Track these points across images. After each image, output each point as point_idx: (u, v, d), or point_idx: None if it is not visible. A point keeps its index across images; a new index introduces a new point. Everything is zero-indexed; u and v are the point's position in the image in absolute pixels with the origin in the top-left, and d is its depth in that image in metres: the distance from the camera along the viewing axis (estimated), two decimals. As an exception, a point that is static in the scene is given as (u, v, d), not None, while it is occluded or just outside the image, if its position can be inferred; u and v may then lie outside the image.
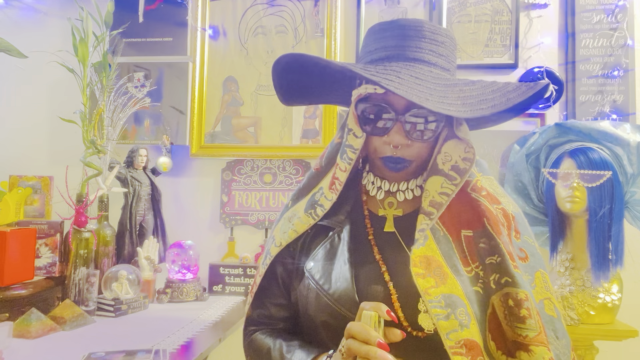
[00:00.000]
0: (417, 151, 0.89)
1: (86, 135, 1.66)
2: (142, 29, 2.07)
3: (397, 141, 0.87)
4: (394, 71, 0.83)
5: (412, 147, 0.88)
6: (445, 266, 0.83)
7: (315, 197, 0.97)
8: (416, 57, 0.86)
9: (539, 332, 0.79)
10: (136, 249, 1.77)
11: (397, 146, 0.87)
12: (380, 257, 0.89)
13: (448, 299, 0.79)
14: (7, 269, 1.43)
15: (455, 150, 0.87)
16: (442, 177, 0.87)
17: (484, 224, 0.86)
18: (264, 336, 0.98)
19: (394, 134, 0.87)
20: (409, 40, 0.86)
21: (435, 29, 0.88)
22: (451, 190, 0.85)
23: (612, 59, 1.87)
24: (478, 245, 0.86)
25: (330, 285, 0.87)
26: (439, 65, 0.88)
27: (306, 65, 0.93)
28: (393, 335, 0.76)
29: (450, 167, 0.86)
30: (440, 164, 0.88)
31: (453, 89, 0.83)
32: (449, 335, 0.76)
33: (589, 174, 1.44)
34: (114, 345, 1.21)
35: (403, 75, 0.82)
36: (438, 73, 0.86)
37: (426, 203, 0.87)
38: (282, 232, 0.98)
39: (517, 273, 0.82)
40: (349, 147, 0.91)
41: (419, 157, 0.90)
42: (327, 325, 0.88)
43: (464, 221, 0.88)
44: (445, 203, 0.85)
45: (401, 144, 0.87)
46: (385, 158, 0.89)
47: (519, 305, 0.79)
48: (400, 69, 0.84)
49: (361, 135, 0.90)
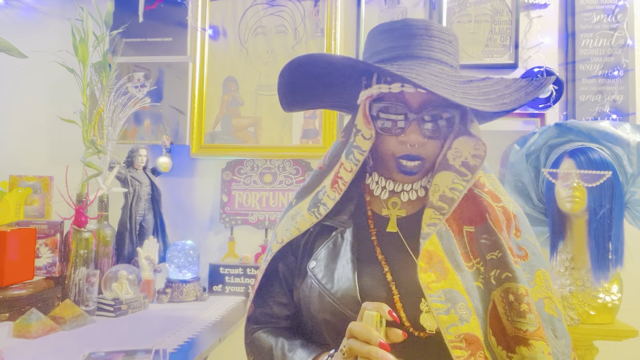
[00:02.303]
0: (432, 149, 0.89)
1: (86, 135, 1.66)
2: (142, 29, 2.07)
3: (414, 140, 0.87)
4: (411, 69, 0.83)
5: (427, 145, 0.89)
6: (446, 261, 0.83)
7: (318, 196, 0.97)
8: (428, 55, 0.86)
9: (538, 327, 0.79)
10: (136, 249, 1.77)
11: (414, 145, 0.87)
12: (383, 257, 0.90)
13: (448, 294, 0.79)
14: (7, 269, 1.43)
15: (466, 146, 0.87)
16: (453, 172, 0.87)
17: (485, 220, 0.86)
18: (266, 335, 0.98)
19: (410, 132, 0.87)
20: (418, 39, 0.87)
21: (442, 28, 0.89)
22: (462, 186, 0.86)
23: (612, 59, 1.87)
24: (479, 241, 0.86)
25: (332, 285, 0.88)
26: (449, 63, 0.88)
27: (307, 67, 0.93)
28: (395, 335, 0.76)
29: (461, 163, 0.87)
30: (450, 159, 0.88)
31: (470, 85, 0.84)
32: (448, 330, 0.76)
33: (589, 174, 1.44)
34: (114, 345, 1.21)
35: (420, 72, 0.82)
36: (449, 71, 0.87)
37: (435, 198, 0.87)
38: (285, 230, 0.98)
39: (518, 269, 0.83)
40: (356, 149, 0.91)
41: (433, 155, 0.90)
42: (329, 325, 0.88)
43: (466, 217, 0.88)
44: (457, 199, 0.85)
45: (418, 142, 0.87)
46: (401, 157, 0.89)
47: (520, 300, 0.80)
48: (414, 67, 0.84)
49: (370, 137, 0.89)
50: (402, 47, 0.87)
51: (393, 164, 0.91)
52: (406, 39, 0.87)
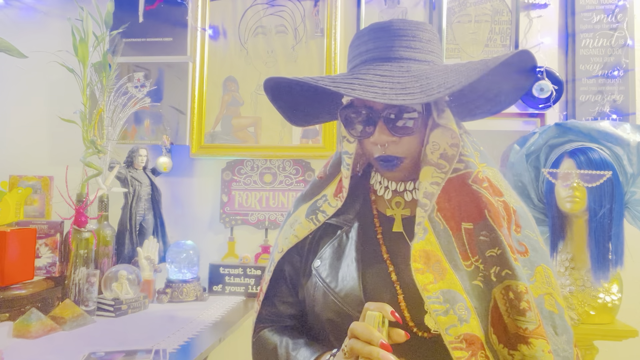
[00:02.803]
0: (406, 146, 0.89)
1: (86, 135, 1.66)
2: (142, 29, 2.07)
3: (383, 140, 0.88)
4: (362, 74, 0.85)
5: (401, 143, 0.89)
6: (444, 260, 0.83)
7: (317, 204, 0.98)
8: (388, 55, 0.88)
9: (538, 325, 0.79)
10: (136, 249, 1.77)
11: (384, 144, 0.88)
12: (387, 257, 0.90)
13: (447, 295, 0.79)
14: (7, 269, 1.43)
15: (443, 138, 0.87)
16: (433, 166, 0.88)
17: (484, 216, 0.86)
18: (271, 334, 0.98)
19: (378, 134, 0.88)
20: (379, 41, 0.89)
21: (405, 25, 0.89)
22: (441, 178, 0.86)
23: (612, 59, 1.87)
24: (478, 238, 0.85)
25: (337, 284, 0.88)
26: (413, 58, 0.88)
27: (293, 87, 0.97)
28: (397, 336, 0.76)
29: (439, 155, 0.87)
30: (429, 153, 0.88)
31: (420, 77, 0.83)
32: (448, 331, 0.76)
33: (589, 174, 1.44)
34: (114, 345, 1.21)
35: (368, 76, 0.84)
36: (409, 66, 0.87)
37: (420, 195, 0.87)
38: (284, 238, 0.99)
39: (517, 266, 0.82)
40: (345, 153, 0.94)
41: (410, 152, 0.90)
42: (333, 324, 0.88)
43: (464, 214, 0.88)
44: (436, 192, 0.86)
45: (387, 141, 0.88)
46: (377, 158, 0.90)
47: (519, 298, 0.79)
48: (367, 71, 0.86)
49: (353, 140, 0.93)
50: (365, 52, 0.90)
51: (377, 165, 0.93)
52: (369, 44, 0.90)
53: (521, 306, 0.79)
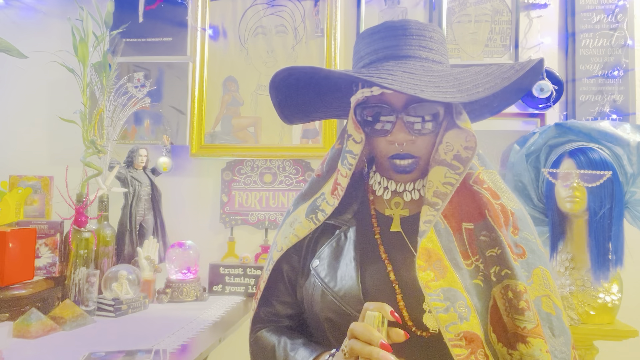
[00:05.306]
0: (423, 146, 0.90)
1: (86, 135, 1.66)
2: (142, 29, 2.07)
3: (401, 139, 0.87)
4: (387, 70, 0.84)
5: (417, 143, 0.89)
6: (445, 259, 0.83)
7: (316, 203, 0.98)
8: (407, 54, 0.88)
9: (536, 325, 0.79)
10: (136, 249, 1.77)
11: (402, 143, 0.88)
12: (386, 257, 0.90)
13: (447, 292, 0.79)
14: (7, 269, 1.43)
15: (457, 139, 0.87)
16: (445, 167, 0.87)
17: (485, 216, 0.86)
18: (269, 334, 0.98)
19: (396, 132, 0.87)
20: (397, 39, 0.88)
21: (421, 25, 0.90)
22: (455, 179, 0.86)
23: (612, 59, 1.87)
24: (479, 238, 0.86)
25: (335, 283, 0.88)
26: (430, 59, 0.89)
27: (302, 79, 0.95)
28: (397, 335, 0.76)
29: (453, 156, 0.87)
30: (442, 154, 0.88)
31: (447, 77, 0.84)
32: (448, 328, 0.76)
33: (589, 174, 1.44)
34: (114, 345, 1.21)
35: (396, 72, 0.83)
36: (430, 66, 0.87)
37: (430, 194, 0.87)
38: (284, 237, 0.99)
39: (517, 266, 0.83)
40: (348, 153, 0.93)
41: (425, 151, 0.91)
42: (331, 323, 0.88)
43: (465, 213, 0.88)
44: (450, 193, 0.86)
45: (405, 140, 0.88)
46: (393, 157, 0.90)
47: (518, 297, 0.80)
48: (392, 67, 0.85)
49: (360, 141, 0.91)
50: (382, 49, 0.89)
51: (387, 164, 0.92)
52: (385, 41, 0.89)
53: (520, 305, 0.79)
